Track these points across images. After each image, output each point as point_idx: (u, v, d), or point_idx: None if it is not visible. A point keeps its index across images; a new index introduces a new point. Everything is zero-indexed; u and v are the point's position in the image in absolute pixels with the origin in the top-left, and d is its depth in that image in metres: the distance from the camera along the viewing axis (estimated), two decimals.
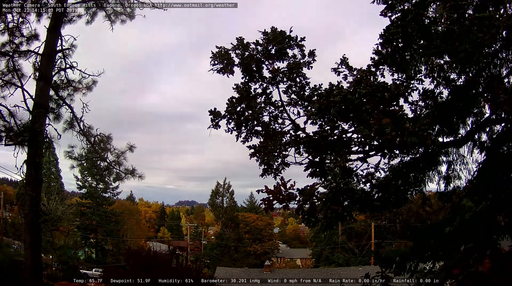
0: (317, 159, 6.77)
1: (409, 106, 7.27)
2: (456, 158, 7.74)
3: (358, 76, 7.06)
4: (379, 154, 6.85)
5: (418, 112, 7.29)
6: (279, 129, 7.91)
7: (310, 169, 6.77)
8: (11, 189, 57.11)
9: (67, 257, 35.26)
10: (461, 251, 5.75)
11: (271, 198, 6.30)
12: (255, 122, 7.81)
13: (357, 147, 6.77)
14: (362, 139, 6.46)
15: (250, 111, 7.75)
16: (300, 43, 7.76)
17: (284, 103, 8.01)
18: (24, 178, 11.35)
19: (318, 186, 6.51)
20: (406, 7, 6.60)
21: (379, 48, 6.90)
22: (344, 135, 6.67)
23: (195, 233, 75.52)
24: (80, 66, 13.21)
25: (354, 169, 6.99)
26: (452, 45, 5.76)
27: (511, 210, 5.74)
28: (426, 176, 7.80)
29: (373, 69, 7.11)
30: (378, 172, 7.29)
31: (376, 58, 6.98)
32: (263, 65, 7.85)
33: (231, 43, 7.64)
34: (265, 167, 7.53)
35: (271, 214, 68.80)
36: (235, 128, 7.79)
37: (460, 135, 7.40)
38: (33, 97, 11.72)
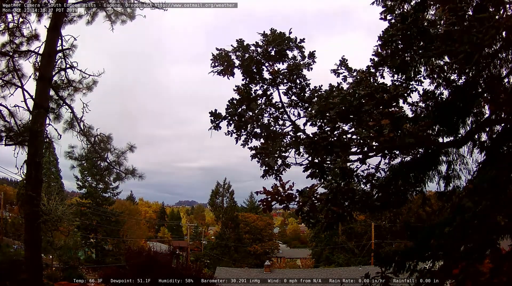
0: (317, 160, 6.78)
1: (409, 107, 7.30)
2: (456, 158, 7.76)
3: (358, 77, 7.08)
4: (379, 154, 6.86)
5: (419, 113, 7.30)
6: (280, 131, 7.94)
7: (309, 170, 6.78)
8: (11, 189, 57.02)
9: (67, 257, 35.20)
10: (461, 251, 5.76)
11: (269, 199, 6.32)
12: (256, 124, 7.83)
13: (356, 148, 6.78)
14: (361, 141, 6.47)
15: (250, 113, 7.78)
16: (300, 44, 7.79)
17: (285, 104, 8.04)
18: (24, 178, 11.36)
19: (317, 187, 6.53)
20: (405, 10, 6.61)
21: (379, 50, 6.92)
22: (343, 136, 6.68)
23: (195, 233, 75.47)
24: None
25: (354, 169, 7.01)
26: (452, 46, 5.77)
27: (511, 210, 5.75)
28: (426, 176, 7.81)
29: (372, 70, 7.12)
30: (378, 173, 7.31)
31: (376, 59, 6.99)
32: (263, 67, 7.88)
33: (231, 45, 7.67)
34: (266, 168, 7.55)
35: (271, 214, 68.85)
36: (235, 131, 7.80)
37: (460, 135, 7.42)
38: (33, 97, 11.73)
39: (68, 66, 13.13)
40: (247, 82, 7.89)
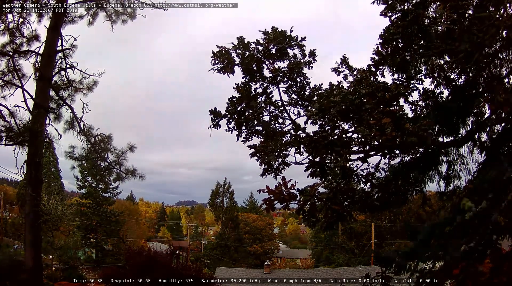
0: (317, 159, 6.77)
1: (409, 106, 7.29)
2: (456, 158, 7.74)
3: (358, 76, 7.09)
4: (379, 154, 6.85)
5: (419, 112, 7.30)
6: (280, 129, 7.94)
7: (310, 169, 6.78)
8: (11, 189, 57.06)
9: (67, 257, 35.20)
10: (461, 251, 5.75)
11: (272, 198, 6.30)
12: (256, 122, 7.84)
13: (357, 147, 6.78)
14: (362, 139, 6.47)
15: (250, 111, 7.78)
16: (301, 43, 7.79)
17: (285, 103, 8.05)
18: (25, 178, 11.37)
19: (318, 186, 6.51)
20: (406, 7, 6.61)
21: (379, 48, 6.91)
22: (344, 135, 6.68)
23: (195, 233, 75.50)
24: None
25: (355, 169, 7.00)
26: (452, 45, 5.77)
27: (511, 210, 5.74)
28: (426, 176, 7.80)
29: (373, 69, 7.12)
30: (378, 172, 7.30)
31: (376, 58, 6.99)
32: (264, 65, 7.88)
33: (232, 43, 7.67)
34: (266, 166, 7.56)
35: (271, 214, 68.80)
36: (235, 128, 7.81)
37: (460, 135, 7.41)
38: (33, 97, 11.74)
39: (68, 66, 13.15)
40: (247, 80, 7.90)
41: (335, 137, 6.63)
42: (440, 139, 7.35)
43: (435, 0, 6.32)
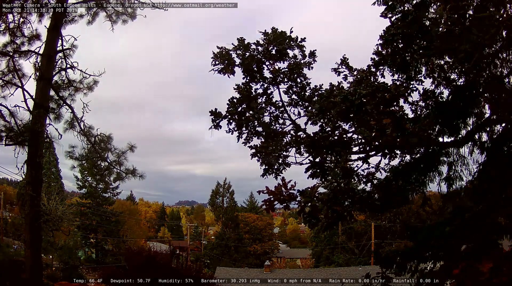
0: (317, 160, 6.78)
1: (410, 106, 7.29)
2: (457, 159, 7.74)
3: (358, 76, 7.09)
4: (380, 154, 6.86)
5: (419, 113, 7.30)
6: (280, 130, 7.94)
7: (311, 170, 6.79)
8: (11, 189, 57.06)
9: (67, 257, 35.18)
10: (461, 251, 5.76)
11: (272, 198, 6.31)
12: (256, 123, 7.84)
13: (357, 148, 6.79)
14: (363, 140, 6.48)
15: (251, 112, 7.78)
16: (301, 43, 7.79)
17: (285, 103, 8.05)
18: (25, 178, 11.35)
19: (318, 187, 6.53)
20: (406, 9, 6.61)
21: (379, 49, 6.92)
22: (344, 136, 6.69)
23: (195, 233, 75.49)
24: None
25: (355, 169, 7.01)
26: (452, 46, 5.77)
27: (511, 210, 5.75)
28: (426, 176, 7.81)
29: (373, 70, 7.13)
30: (378, 172, 7.31)
31: (376, 58, 6.99)
32: (264, 66, 7.89)
33: (232, 44, 7.68)
34: (266, 167, 7.57)
35: (271, 214, 68.77)
36: (236, 129, 7.82)
37: (460, 135, 7.41)
38: (34, 97, 11.72)
39: (68, 66, 13.12)
40: (247, 80, 7.90)
41: (336, 137, 6.64)
42: (441, 140, 7.35)
43: (435, 1, 6.32)
